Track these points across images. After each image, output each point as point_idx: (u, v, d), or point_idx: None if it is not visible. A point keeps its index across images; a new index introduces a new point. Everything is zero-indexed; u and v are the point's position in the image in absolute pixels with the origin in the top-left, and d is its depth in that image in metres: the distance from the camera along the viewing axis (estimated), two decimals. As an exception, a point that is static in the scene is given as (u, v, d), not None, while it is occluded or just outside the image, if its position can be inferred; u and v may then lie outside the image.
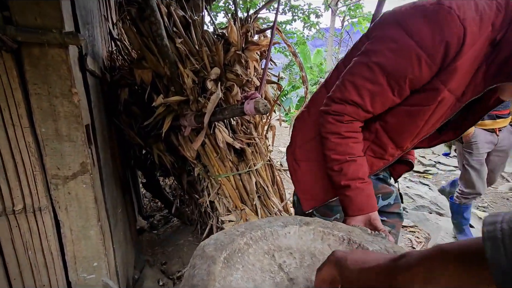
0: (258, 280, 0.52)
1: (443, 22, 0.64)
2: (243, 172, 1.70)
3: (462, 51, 0.65)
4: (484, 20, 0.65)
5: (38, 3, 0.84)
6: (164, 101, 1.34)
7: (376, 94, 0.75)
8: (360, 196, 0.81)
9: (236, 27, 1.38)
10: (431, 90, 0.73)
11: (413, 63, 0.69)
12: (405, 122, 0.81)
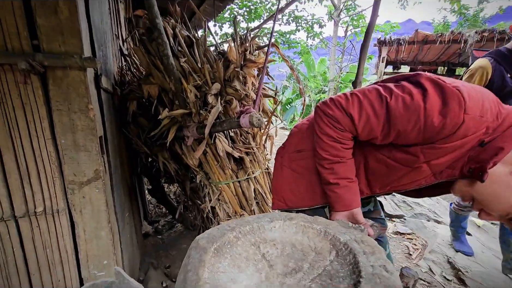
0: (243, 266, 0.62)
1: (451, 106, 0.71)
2: (242, 179, 1.81)
3: (451, 138, 0.73)
4: (482, 121, 0.72)
5: (62, 33, 0.99)
6: (169, 114, 1.47)
7: (371, 123, 0.81)
8: (347, 193, 0.89)
9: (235, 46, 1.52)
10: (412, 155, 0.80)
11: (410, 121, 0.75)
12: (382, 171, 0.89)
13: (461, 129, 0.71)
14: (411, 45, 5.99)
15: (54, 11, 0.96)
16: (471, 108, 0.70)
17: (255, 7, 11.24)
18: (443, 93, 0.72)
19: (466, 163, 0.76)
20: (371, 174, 0.94)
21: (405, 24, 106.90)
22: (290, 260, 0.66)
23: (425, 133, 0.75)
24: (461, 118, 0.70)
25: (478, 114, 0.71)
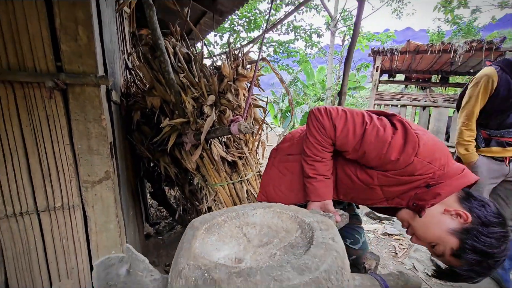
0: (227, 241, 0.80)
1: (407, 147, 0.88)
2: (236, 181, 1.99)
3: (401, 172, 0.91)
4: (429, 167, 0.89)
5: (81, 56, 1.19)
6: (170, 122, 1.66)
7: (348, 138, 0.98)
8: (322, 187, 1.07)
9: (228, 63, 1.72)
10: (369, 176, 0.99)
11: (376, 148, 0.93)
12: (348, 183, 1.09)
13: (409, 167, 0.89)
14: (404, 55, 6.21)
15: (74, 38, 1.17)
16: (421, 154, 0.88)
17: (255, 17, 11.57)
18: (406, 136, 0.90)
19: (412, 198, 0.94)
20: (339, 183, 1.13)
21: (403, 32, 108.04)
22: (265, 237, 0.84)
23: (382, 161, 0.93)
24: (411, 159, 0.88)
25: (427, 160, 0.88)
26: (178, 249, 0.75)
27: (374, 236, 2.99)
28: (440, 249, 0.89)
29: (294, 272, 0.59)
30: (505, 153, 1.76)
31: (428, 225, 0.91)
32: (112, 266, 0.90)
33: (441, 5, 9.79)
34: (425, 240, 0.93)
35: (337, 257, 0.68)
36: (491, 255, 0.81)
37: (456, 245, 0.85)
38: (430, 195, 0.90)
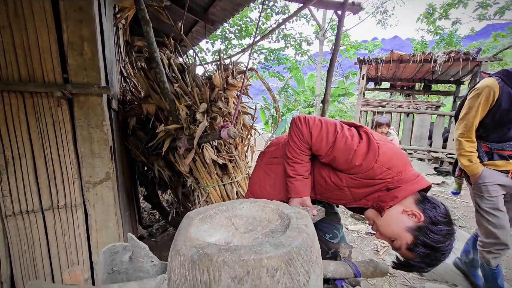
0: (217, 229, 0.93)
1: (369, 155, 1.04)
2: (227, 183, 2.13)
3: (363, 176, 1.07)
4: (388, 172, 1.04)
5: (86, 69, 1.32)
6: (165, 128, 1.80)
7: (322, 144, 1.13)
8: (300, 185, 1.22)
9: (219, 74, 1.88)
10: (339, 179, 1.15)
11: (344, 154, 1.08)
12: (322, 184, 1.23)
13: (370, 172, 1.05)
14: (388, 64, 6.51)
15: (80, 53, 1.30)
16: (381, 161, 1.04)
17: (246, 25, 11.83)
18: (369, 145, 1.06)
19: (376, 200, 1.10)
20: (316, 184, 1.28)
21: (391, 40, 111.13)
22: (250, 226, 0.98)
23: (349, 165, 1.09)
24: (372, 165, 1.04)
25: (386, 167, 1.04)
26: (176, 235, 0.89)
27: (358, 235, 3.16)
28: (398, 244, 1.04)
29: (271, 248, 0.74)
30: (509, 166, 1.70)
31: (389, 223, 1.05)
32: (117, 253, 1.03)
33: (424, 17, 10.27)
34: (386, 236, 1.08)
35: (307, 238, 0.82)
36: (438, 249, 0.96)
37: (410, 240, 0.99)
38: (389, 197, 1.06)
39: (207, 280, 0.66)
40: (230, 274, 0.65)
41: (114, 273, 1.06)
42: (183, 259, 0.73)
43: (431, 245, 0.96)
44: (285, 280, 0.70)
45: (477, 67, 5.87)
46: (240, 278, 0.66)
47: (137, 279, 1.04)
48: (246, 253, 0.70)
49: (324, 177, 1.22)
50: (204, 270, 0.66)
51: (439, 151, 6.30)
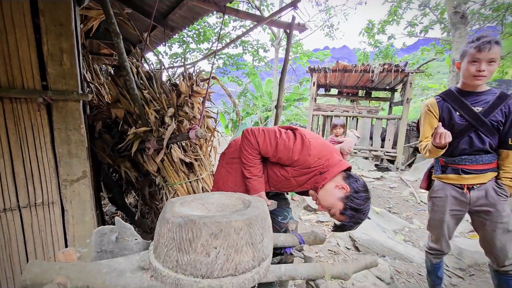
0: (194, 210, 1.18)
1: (304, 151, 1.36)
2: (193, 180, 2.35)
3: (302, 166, 1.40)
4: (319, 161, 1.38)
5: (65, 77, 1.47)
6: (135, 130, 1.97)
7: (267, 148, 1.43)
8: (256, 184, 1.52)
9: (185, 82, 2.12)
10: (286, 172, 1.45)
11: (285, 153, 1.39)
12: (275, 178, 1.52)
13: (306, 163, 1.40)
14: (335, 73, 7.28)
15: (60, 63, 1.45)
16: (313, 154, 1.39)
17: (204, 30, 11.95)
18: (302, 143, 1.41)
19: (313, 182, 1.46)
20: (269, 179, 1.59)
21: (341, 49, 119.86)
22: (220, 208, 1.25)
23: (290, 161, 1.42)
24: (306, 158, 1.39)
25: (317, 157, 1.40)
26: (162, 213, 1.09)
27: (309, 224, 3.60)
28: (333, 211, 1.38)
29: (237, 215, 1.02)
30: (461, 180, 1.68)
31: (326, 196, 1.40)
32: (105, 235, 1.24)
33: (365, 31, 11.56)
34: (325, 207, 1.42)
35: (262, 212, 1.12)
36: (360, 210, 1.34)
37: (342, 207, 1.34)
38: (321, 179, 1.42)
39: (191, 237, 0.90)
40: (208, 232, 0.91)
41: (102, 252, 1.25)
42: (171, 225, 0.95)
43: (355, 208, 1.32)
44: (246, 237, 0.98)
45: (406, 77, 6.90)
46: (216, 234, 0.92)
47: (123, 256, 1.24)
48: (220, 218, 0.97)
49: (275, 172, 1.54)
50: (189, 230, 0.90)
51: (378, 150, 7.21)
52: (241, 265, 0.94)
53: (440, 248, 1.85)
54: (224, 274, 0.91)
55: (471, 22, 9.05)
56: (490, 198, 1.63)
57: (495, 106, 1.57)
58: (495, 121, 1.57)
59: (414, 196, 5.04)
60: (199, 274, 0.88)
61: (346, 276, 1.25)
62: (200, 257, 0.87)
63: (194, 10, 3.20)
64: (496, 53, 1.47)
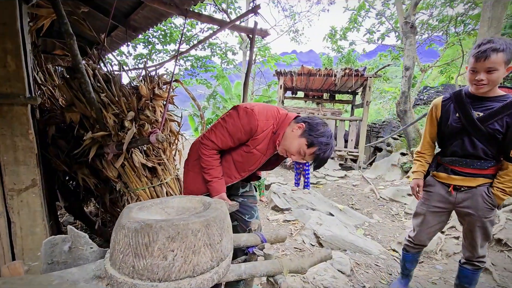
0: (153, 214, 1.17)
1: (252, 120, 1.40)
2: (156, 185, 2.30)
3: (257, 132, 1.46)
4: (268, 123, 1.45)
5: (10, 80, 1.38)
6: (92, 135, 1.89)
7: (224, 140, 1.48)
8: (217, 186, 1.55)
9: (145, 85, 2.07)
10: (248, 146, 1.52)
11: (238, 132, 1.44)
12: (241, 160, 1.57)
13: (258, 129, 1.45)
14: (300, 76, 7.53)
15: (3, 65, 1.36)
16: (260, 118, 1.44)
17: (170, 31, 11.67)
18: (246, 114, 1.45)
19: (273, 144, 1.52)
20: (236, 164, 1.61)
21: (308, 53, 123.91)
22: (180, 212, 1.25)
23: (247, 134, 1.47)
24: (256, 124, 1.44)
25: (265, 119, 1.46)
26: (118, 219, 1.08)
27: (277, 223, 3.69)
28: (302, 151, 1.40)
29: (195, 217, 1.03)
30: (449, 180, 1.71)
31: (289, 142, 1.44)
32: (56, 245, 1.18)
33: (328, 36, 12.11)
34: (293, 152, 1.43)
35: (221, 213, 1.14)
36: (323, 133, 1.38)
37: (305, 141, 1.38)
38: (277, 136, 1.49)
39: (148, 241, 0.89)
40: (165, 235, 0.91)
41: (53, 264, 1.19)
42: (127, 231, 0.93)
43: (317, 134, 1.37)
44: (204, 239, 1.00)
45: (365, 81, 7.35)
46: (173, 237, 0.93)
47: (76, 266, 1.19)
48: (177, 221, 0.98)
49: (239, 154, 1.57)
50: (145, 234, 0.89)
51: (342, 150, 7.59)
52: (199, 266, 0.95)
53: (414, 239, 1.92)
54: (182, 276, 0.92)
55: (420, 31, 9.92)
56: (475, 203, 1.64)
57: (496, 114, 1.50)
58: (492, 129, 1.52)
59: (374, 192, 5.38)
60: (156, 278, 0.89)
61: (303, 270, 1.31)
62: (157, 261, 0.88)
63: (158, 11, 3.13)
64: (494, 62, 1.40)
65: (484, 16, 3.61)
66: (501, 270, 2.41)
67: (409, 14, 6.69)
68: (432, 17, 9.78)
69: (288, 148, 1.46)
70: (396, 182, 5.95)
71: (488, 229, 1.66)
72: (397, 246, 2.99)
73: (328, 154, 1.41)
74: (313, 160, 1.44)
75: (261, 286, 2.14)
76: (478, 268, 1.77)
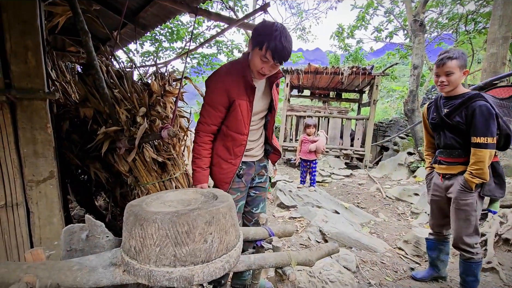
0: (162, 209, 1.21)
1: (213, 76, 1.48)
2: (166, 179, 2.36)
3: (225, 82, 1.46)
4: (231, 68, 1.48)
5: (30, 75, 1.44)
6: (106, 130, 1.95)
7: (212, 116, 1.51)
8: (199, 176, 1.56)
9: (157, 82, 2.12)
10: (233, 103, 1.49)
11: (215, 93, 1.48)
12: (234, 119, 1.52)
13: (222, 77, 1.49)
14: (307, 75, 7.52)
15: (24, 61, 1.42)
16: (221, 70, 1.51)
17: (177, 29, 11.72)
18: (213, 75, 1.51)
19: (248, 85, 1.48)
20: (232, 126, 1.55)
21: (314, 52, 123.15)
22: (185, 203, 1.28)
23: (220, 94, 1.48)
24: (216, 76, 1.50)
25: (225, 69, 1.50)
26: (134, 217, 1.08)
27: (283, 220, 3.72)
28: (261, 57, 1.37)
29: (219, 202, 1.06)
30: (439, 169, 1.99)
31: (252, 62, 1.44)
32: (75, 233, 1.23)
33: (335, 35, 12.04)
34: (258, 65, 1.41)
35: (229, 203, 1.18)
36: (262, 29, 1.35)
37: (256, 47, 1.36)
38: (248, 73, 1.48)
39: (188, 229, 0.89)
40: (203, 221, 0.92)
41: (71, 251, 1.25)
42: (161, 223, 0.89)
43: (259, 32, 1.36)
44: (230, 220, 1.05)
45: (372, 80, 7.31)
46: (210, 221, 0.94)
47: (93, 254, 1.24)
48: (208, 207, 1.01)
49: (229, 121, 1.55)
50: (184, 223, 0.89)
51: (348, 149, 7.57)
52: (230, 244, 1.02)
53: (431, 225, 2.21)
54: (220, 255, 0.97)
55: (429, 29, 9.80)
56: (454, 188, 1.88)
57: (456, 109, 1.80)
58: (456, 121, 1.80)
59: (380, 191, 5.37)
60: (199, 261, 0.92)
61: (310, 262, 1.35)
62: (198, 245, 0.91)
63: (166, 9, 3.17)
64: (449, 67, 1.75)
65: (495, 14, 3.57)
66: (508, 270, 2.41)
67: (418, 12, 6.62)
68: (442, 15, 9.64)
69: (254, 67, 1.44)
70: (403, 182, 5.92)
71: (468, 212, 1.83)
72: (403, 244, 3.00)
73: (280, 41, 1.32)
74: (273, 56, 1.36)
75: (268, 279, 2.18)
76: (469, 258, 1.86)
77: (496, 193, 1.83)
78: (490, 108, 1.69)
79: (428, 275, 2.29)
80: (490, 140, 1.70)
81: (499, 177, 1.84)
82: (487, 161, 1.72)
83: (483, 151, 1.71)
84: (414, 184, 5.35)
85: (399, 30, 10.98)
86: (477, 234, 1.87)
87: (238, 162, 1.62)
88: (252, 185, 1.81)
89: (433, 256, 2.25)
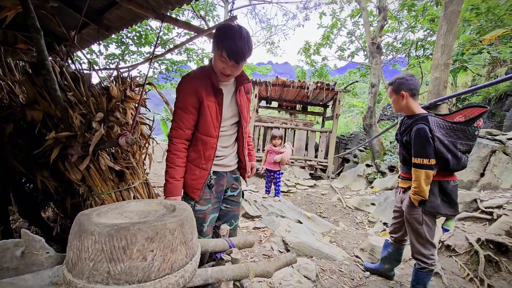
0: (114, 220, 1.13)
1: (181, 81, 1.50)
2: (123, 189, 2.23)
3: (193, 84, 1.47)
4: (197, 72, 1.53)
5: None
6: (56, 135, 1.80)
7: (181, 116, 1.49)
8: (172, 187, 1.50)
9: (117, 86, 2.03)
10: (201, 104, 1.49)
11: (184, 98, 1.48)
12: (203, 121, 1.51)
13: (190, 79, 1.52)
14: (275, 87, 7.73)
15: (-41, 56, 1.27)
16: (189, 74, 1.55)
17: (146, 33, 11.40)
18: (181, 82, 1.52)
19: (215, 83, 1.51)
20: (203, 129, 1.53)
21: (283, 65, 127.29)
22: (142, 215, 1.21)
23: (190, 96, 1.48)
24: (185, 79, 1.52)
25: (193, 73, 1.54)
26: (76, 227, 1.01)
27: (247, 230, 3.70)
28: (221, 57, 1.40)
29: (170, 217, 1.02)
30: (400, 182, 2.18)
31: (215, 63, 1.47)
32: (7, 250, 1.10)
33: (303, 50, 12.60)
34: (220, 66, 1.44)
35: (189, 213, 1.15)
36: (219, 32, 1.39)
37: (215, 48, 1.42)
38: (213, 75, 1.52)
39: (125, 244, 0.83)
40: (144, 236, 0.88)
41: (3, 270, 1.11)
42: (98, 236, 0.84)
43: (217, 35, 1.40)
44: (180, 236, 1.00)
45: (335, 95, 7.73)
46: (152, 237, 0.90)
47: (29, 273, 1.11)
48: (154, 221, 0.96)
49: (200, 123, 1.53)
50: (122, 238, 0.83)
51: (312, 160, 7.84)
52: (176, 263, 0.95)
53: (390, 231, 2.41)
54: (162, 275, 0.91)
55: (385, 52, 10.71)
56: (405, 202, 2.04)
57: (406, 129, 1.96)
58: (405, 141, 1.96)
59: (341, 201, 5.61)
60: (136, 280, 0.85)
61: (268, 273, 1.35)
62: (136, 263, 0.84)
63: (133, 13, 3.07)
64: (388, 92, 2.09)
65: (438, 43, 4.02)
66: (450, 274, 2.64)
67: (376, 35, 7.22)
68: (396, 40, 10.61)
69: (216, 68, 1.47)
70: (361, 192, 6.25)
71: (415, 225, 1.96)
72: (360, 252, 3.15)
73: (234, 41, 1.36)
74: (229, 56, 1.39)
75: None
76: (422, 268, 1.97)
77: (443, 211, 1.86)
78: (427, 132, 1.77)
79: (377, 268, 2.58)
80: (425, 161, 1.77)
81: (448, 196, 1.87)
82: (424, 180, 1.79)
83: (419, 171, 1.80)
84: (371, 195, 5.68)
85: (359, 51, 11.82)
86: (431, 245, 1.95)
87: (209, 167, 1.59)
88: (225, 196, 1.77)
89: (385, 254, 2.47)
